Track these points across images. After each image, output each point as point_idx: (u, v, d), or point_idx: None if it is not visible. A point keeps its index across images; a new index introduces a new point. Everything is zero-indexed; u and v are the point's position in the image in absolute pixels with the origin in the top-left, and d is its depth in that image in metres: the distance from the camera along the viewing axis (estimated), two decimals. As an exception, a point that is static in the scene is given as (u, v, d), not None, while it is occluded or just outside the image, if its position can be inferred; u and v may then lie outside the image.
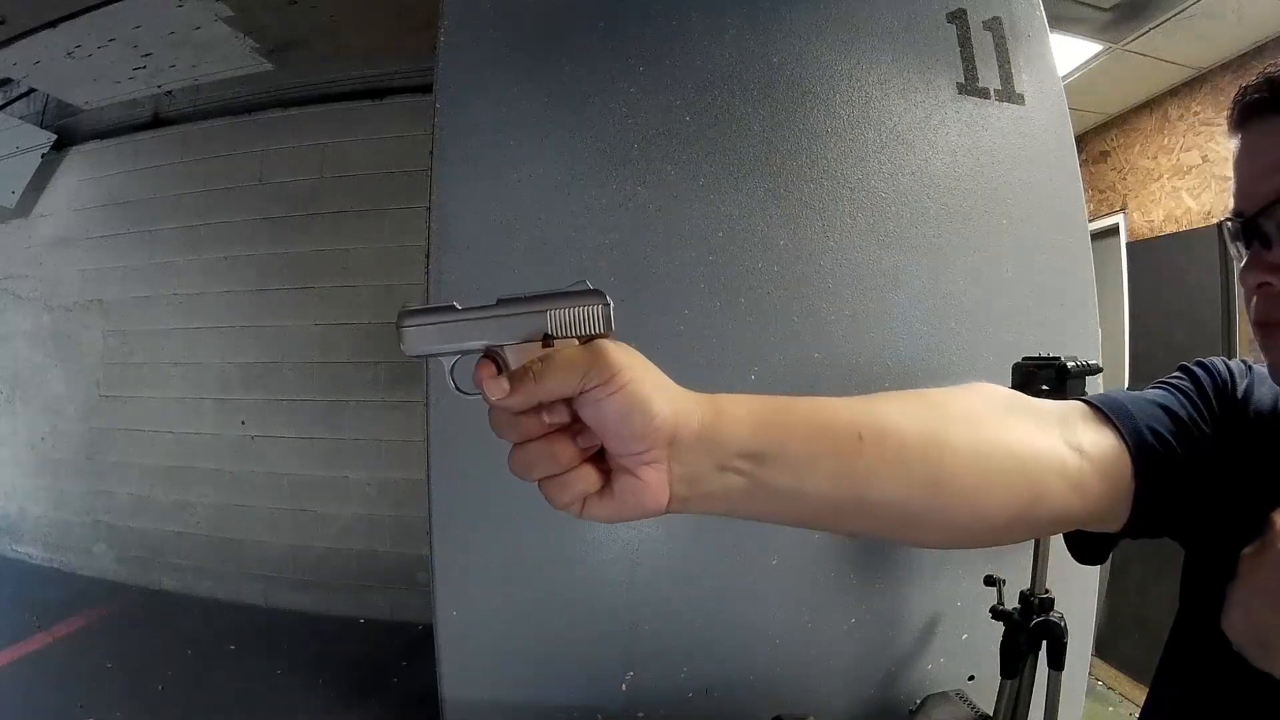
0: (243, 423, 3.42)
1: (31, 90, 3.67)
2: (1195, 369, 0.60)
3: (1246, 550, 0.49)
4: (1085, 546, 0.60)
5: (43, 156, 3.76)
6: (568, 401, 0.41)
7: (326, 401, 3.31)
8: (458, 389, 0.43)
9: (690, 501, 0.44)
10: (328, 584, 3.24)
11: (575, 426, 0.42)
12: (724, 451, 0.43)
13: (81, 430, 3.72)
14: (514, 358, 0.42)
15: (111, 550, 3.59)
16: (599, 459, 0.43)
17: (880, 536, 0.51)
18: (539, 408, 0.41)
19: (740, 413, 0.44)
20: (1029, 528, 0.53)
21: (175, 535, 3.47)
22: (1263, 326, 0.52)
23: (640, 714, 1.42)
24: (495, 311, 0.42)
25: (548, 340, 0.41)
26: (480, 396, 0.42)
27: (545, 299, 0.42)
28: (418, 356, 0.43)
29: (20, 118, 3.73)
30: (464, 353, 0.43)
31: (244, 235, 3.42)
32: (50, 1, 2.81)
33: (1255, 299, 0.52)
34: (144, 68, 3.37)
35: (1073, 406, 0.55)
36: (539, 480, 0.42)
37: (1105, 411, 0.54)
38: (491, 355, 0.42)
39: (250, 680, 2.61)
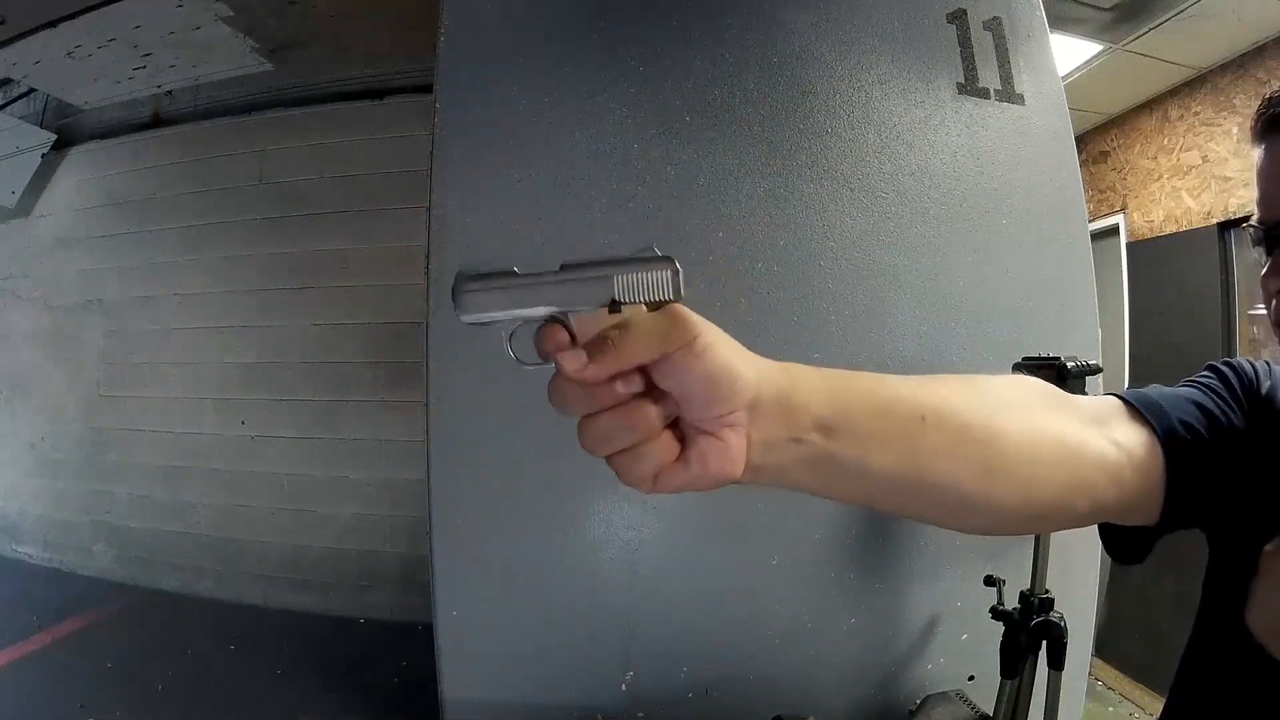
0: (243, 423, 3.42)
1: (31, 90, 3.67)
2: (1223, 368, 0.61)
3: (1269, 547, 0.50)
4: (1124, 546, 0.60)
5: (43, 156, 3.76)
6: (642, 369, 0.40)
7: (326, 401, 3.31)
8: (516, 359, 0.41)
9: (762, 471, 0.43)
10: (328, 584, 3.24)
11: (651, 395, 0.40)
12: (799, 421, 0.43)
13: (81, 430, 3.72)
14: (577, 325, 0.40)
15: (111, 550, 3.59)
16: (671, 427, 0.41)
17: (931, 520, 0.52)
18: (614, 377, 0.39)
19: (814, 382, 0.45)
20: (1068, 517, 0.53)
21: (175, 535, 3.47)
22: None
23: (640, 714, 1.42)
24: (559, 276, 0.40)
25: (614, 306, 0.40)
26: (541, 367, 0.40)
27: (611, 264, 0.40)
28: (474, 323, 0.41)
29: (20, 118, 3.73)
30: (525, 320, 0.41)
31: (244, 235, 3.42)
32: (50, 1, 2.81)
33: (1275, 302, 0.55)
34: (144, 68, 3.37)
35: (1108, 402, 0.57)
36: (611, 455, 0.41)
37: (1138, 407, 0.55)
38: (555, 322, 0.40)
39: (250, 680, 2.61)
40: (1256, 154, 0.56)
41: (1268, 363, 0.61)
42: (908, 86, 1.60)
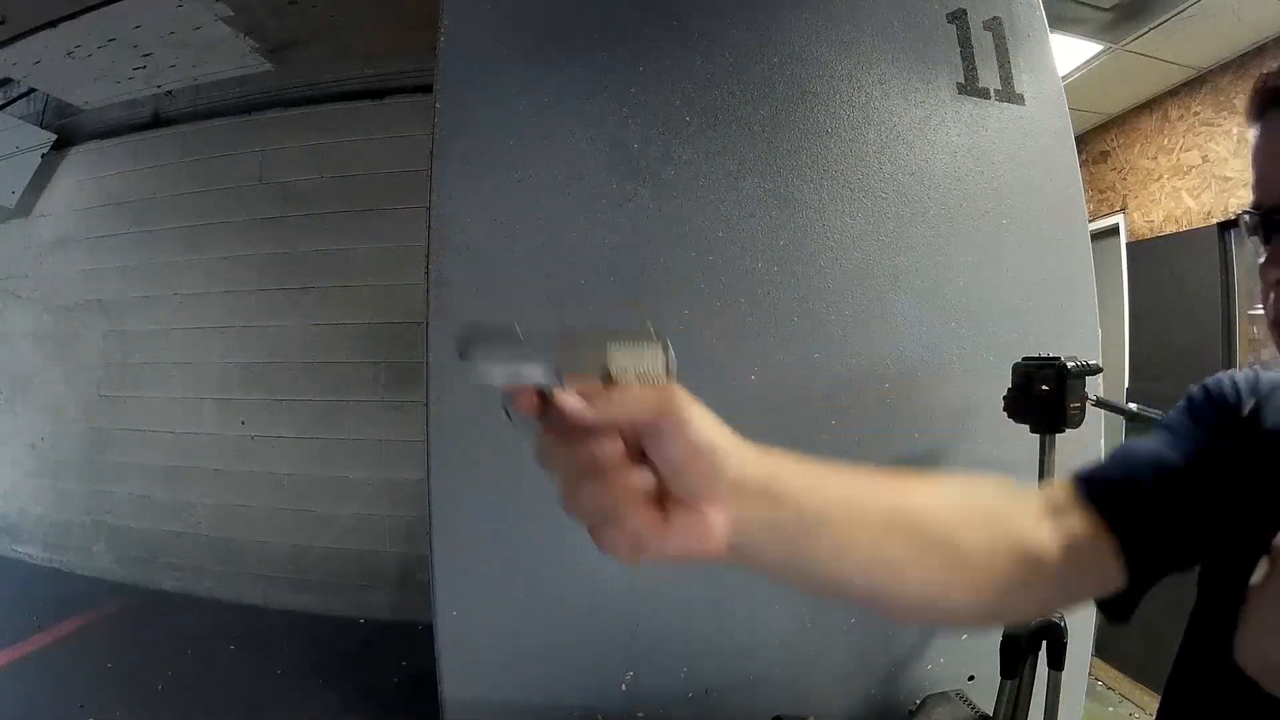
0: (243, 423, 3.42)
1: (31, 90, 3.67)
2: (1197, 396, 0.60)
3: (1255, 579, 0.49)
4: (1111, 606, 0.59)
5: (43, 156, 3.76)
6: (628, 441, 0.40)
7: (326, 401, 3.31)
8: (510, 418, 0.42)
9: (741, 551, 0.43)
10: (328, 584, 3.24)
11: (635, 464, 0.41)
12: (780, 510, 0.43)
13: (81, 430, 3.72)
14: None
15: (111, 550, 3.59)
16: (654, 500, 0.42)
17: (896, 617, 0.53)
18: (597, 440, 0.40)
19: (795, 475, 0.45)
20: (1027, 613, 0.55)
21: (175, 535, 3.47)
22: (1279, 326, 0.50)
23: (640, 714, 1.42)
24: (557, 344, 0.41)
25: (607, 379, 0.41)
26: (533, 426, 0.41)
27: (608, 337, 0.41)
28: (476, 382, 0.43)
29: (20, 118, 3.73)
30: (521, 382, 0.42)
31: (244, 235, 3.42)
32: (50, 1, 2.81)
33: (1273, 296, 0.50)
34: (144, 68, 3.37)
35: (1061, 490, 0.58)
36: (592, 521, 0.41)
37: (1088, 488, 0.57)
38: (548, 388, 0.41)
39: (250, 680, 2.61)
40: (1252, 134, 0.52)
41: (1257, 373, 0.58)
42: (908, 86, 1.60)
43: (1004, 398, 1.32)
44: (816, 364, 1.49)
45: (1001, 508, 0.55)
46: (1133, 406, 1.30)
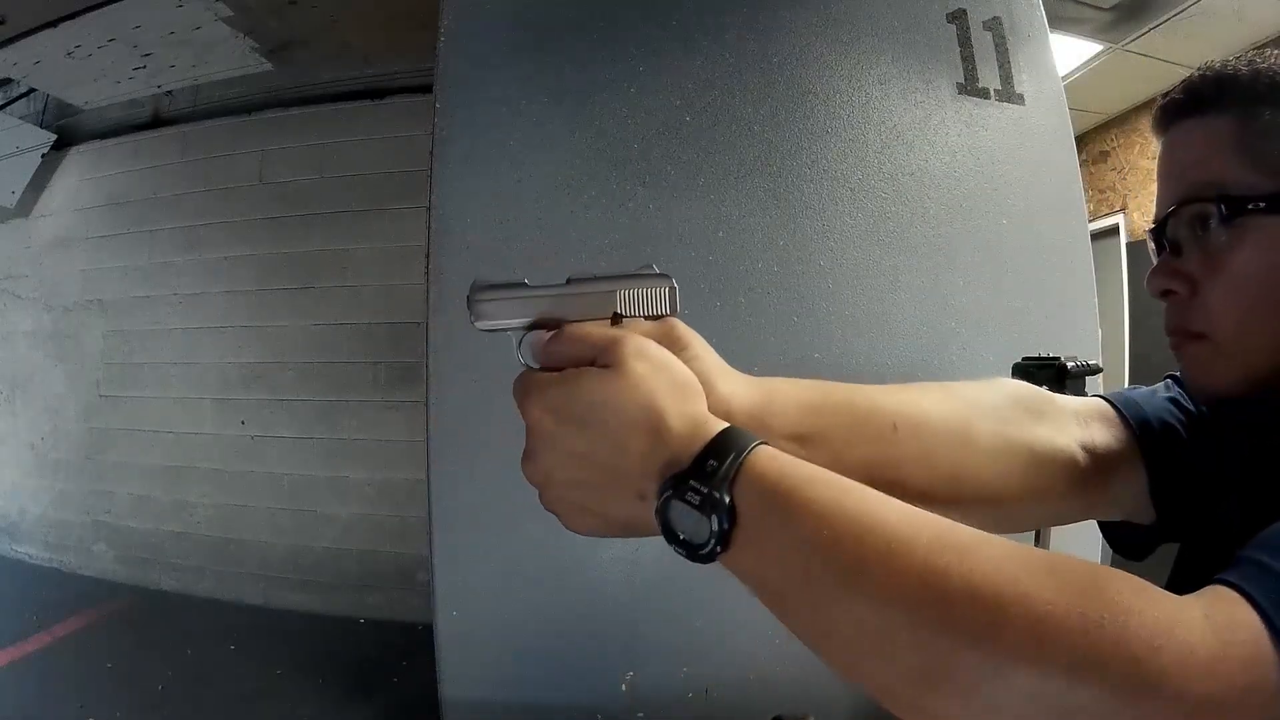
0: (243, 423, 3.42)
1: (31, 90, 3.67)
2: (1169, 384, 0.59)
3: None
4: (1126, 541, 0.58)
5: (43, 156, 3.76)
6: None
7: (326, 401, 3.31)
8: (525, 364, 0.44)
9: None
10: (328, 584, 3.24)
11: None
12: (772, 433, 0.44)
13: (81, 430, 3.72)
14: None
15: (111, 550, 3.59)
16: None
17: None
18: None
19: (789, 396, 0.47)
20: (1037, 519, 0.55)
21: (175, 535, 3.47)
22: (1172, 335, 0.51)
23: (640, 714, 1.42)
24: (567, 289, 0.44)
25: (616, 318, 0.44)
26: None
27: (615, 279, 0.44)
28: (487, 329, 0.45)
29: (20, 118, 3.73)
30: (533, 327, 0.44)
31: (244, 235, 3.42)
32: (50, 1, 2.81)
33: (1167, 308, 0.51)
34: (144, 68, 3.37)
35: (1090, 405, 0.56)
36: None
37: (1119, 408, 0.55)
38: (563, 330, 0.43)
39: (250, 680, 2.61)
40: (1159, 149, 0.52)
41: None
42: (908, 86, 1.60)
43: (1004, 398, 1.32)
44: (817, 363, 1.48)
45: (1016, 407, 0.53)
46: (1133, 406, 1.30)
